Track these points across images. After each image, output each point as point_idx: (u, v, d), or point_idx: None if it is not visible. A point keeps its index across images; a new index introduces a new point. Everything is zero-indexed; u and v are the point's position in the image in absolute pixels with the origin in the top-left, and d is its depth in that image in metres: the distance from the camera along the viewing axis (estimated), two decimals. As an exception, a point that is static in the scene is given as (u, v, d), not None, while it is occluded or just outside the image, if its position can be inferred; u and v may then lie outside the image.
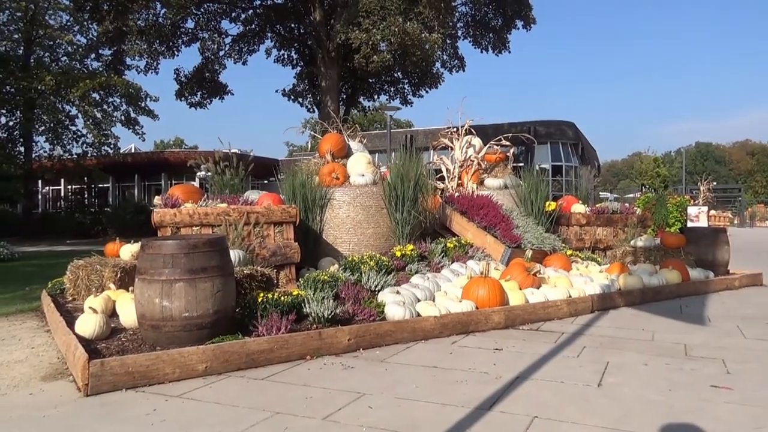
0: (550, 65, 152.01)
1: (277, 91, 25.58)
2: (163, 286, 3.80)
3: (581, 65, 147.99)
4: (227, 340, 3.82)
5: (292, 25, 23.43)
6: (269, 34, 23.54)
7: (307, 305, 4.48)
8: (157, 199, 6.24)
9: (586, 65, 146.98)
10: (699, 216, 9.32)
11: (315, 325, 4.34)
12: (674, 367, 3.81)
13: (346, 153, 8.03)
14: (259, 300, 4.35)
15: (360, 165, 7.61)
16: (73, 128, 22.59)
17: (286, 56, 24.66)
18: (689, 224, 9.33)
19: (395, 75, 24.45)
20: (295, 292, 4.67)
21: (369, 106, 28.99)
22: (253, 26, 23.13)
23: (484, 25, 23.65)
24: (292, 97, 25.32)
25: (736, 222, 40.12)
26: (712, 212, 24.81)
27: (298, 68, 24.76)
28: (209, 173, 7.21)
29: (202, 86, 23.15)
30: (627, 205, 10.73)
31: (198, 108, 23.50)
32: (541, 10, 45.42)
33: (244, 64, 23.81)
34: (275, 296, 4.44)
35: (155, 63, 22.01)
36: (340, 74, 21.58)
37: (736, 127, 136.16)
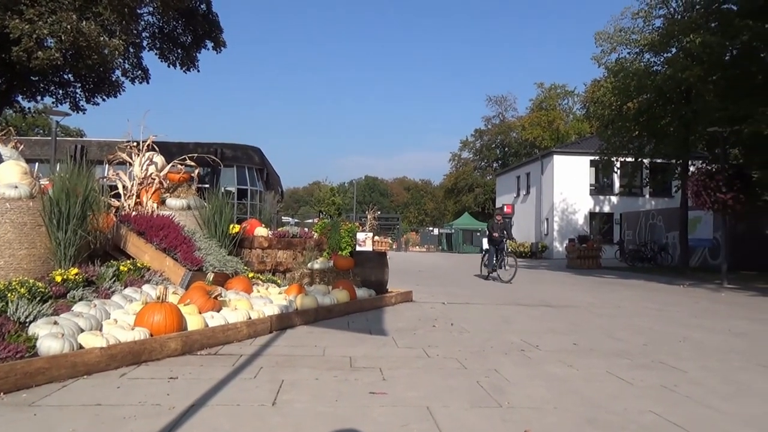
0: (239, 89, 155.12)
1: None
2: None
3: (270, 92, 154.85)
4: None
5: None
6: None
7: (-77, 345, 3.55)
8: None
9: (275, 92, 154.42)
10: (366, 241, 10.42)
11: (-65, 370, 3.46)
12: (341, 379, 4.15)
13: (-5, 159, 6.74)
14: None
15: (12, 174, 6.45)
16: None
17: None
18: (358, 248, 10.38)
19: (65, 76, 21.63)
20: None
21: (30, 108, 24.87)
22: None
23: (173, 39, 22.73)
24: None
25: (394, 247, 46.64)
26: (376, 238, 28.19)
27: (-69, 51, 19.96)
28: None
29: None
30: (306, 229, 11.47)
31: None
32: (233, 33, 46.07)
33: None
34: None
35: None
36: (-9, 66, 18.12)
37: (397, 165, 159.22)
